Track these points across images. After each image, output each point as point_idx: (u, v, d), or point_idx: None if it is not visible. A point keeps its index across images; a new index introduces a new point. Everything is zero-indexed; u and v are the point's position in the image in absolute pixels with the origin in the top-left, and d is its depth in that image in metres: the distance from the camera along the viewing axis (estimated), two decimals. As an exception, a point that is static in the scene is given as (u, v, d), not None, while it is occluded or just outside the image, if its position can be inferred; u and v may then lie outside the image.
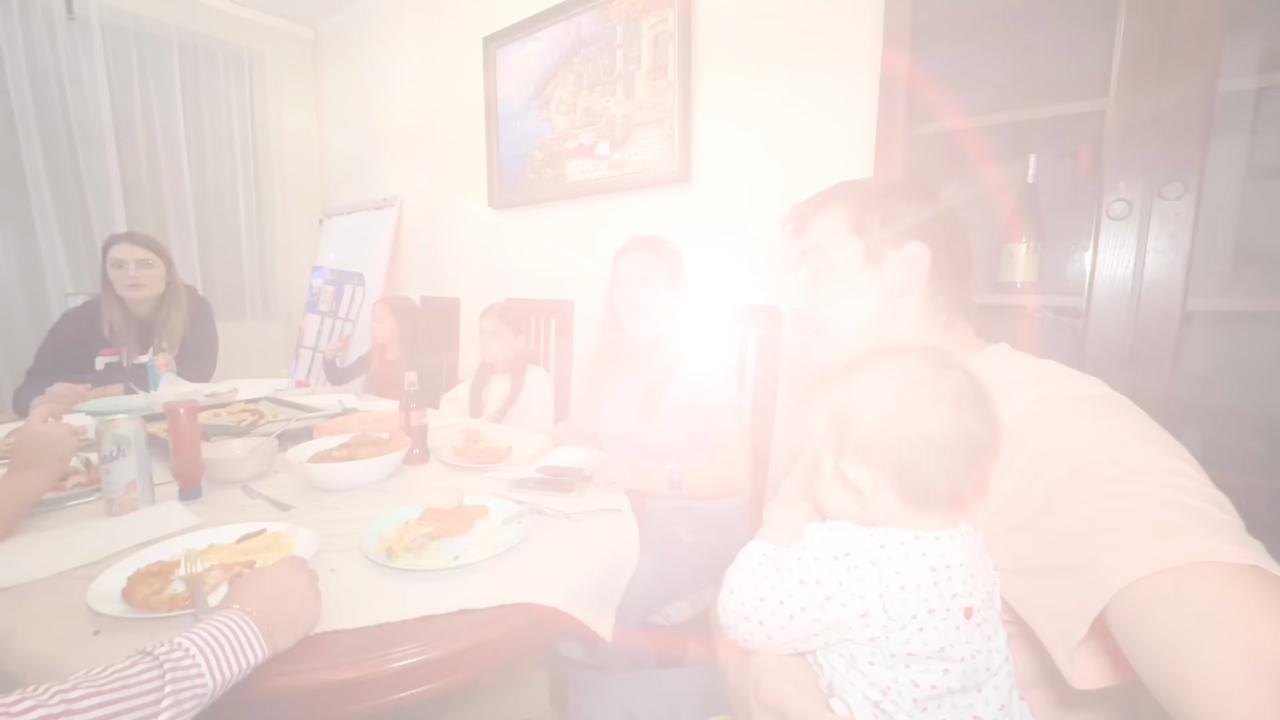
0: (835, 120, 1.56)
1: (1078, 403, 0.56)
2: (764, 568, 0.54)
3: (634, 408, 1.35)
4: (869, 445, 0.52)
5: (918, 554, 0.49)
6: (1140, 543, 0.42)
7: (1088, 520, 0.46)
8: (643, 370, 1.38)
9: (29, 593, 0.71)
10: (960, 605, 0.49)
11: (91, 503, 0.99)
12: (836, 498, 0.55)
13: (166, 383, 1.70)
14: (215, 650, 0.52)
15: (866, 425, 0.52)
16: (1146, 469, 0.47)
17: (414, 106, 2.87)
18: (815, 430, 0.57)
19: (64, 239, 2.58)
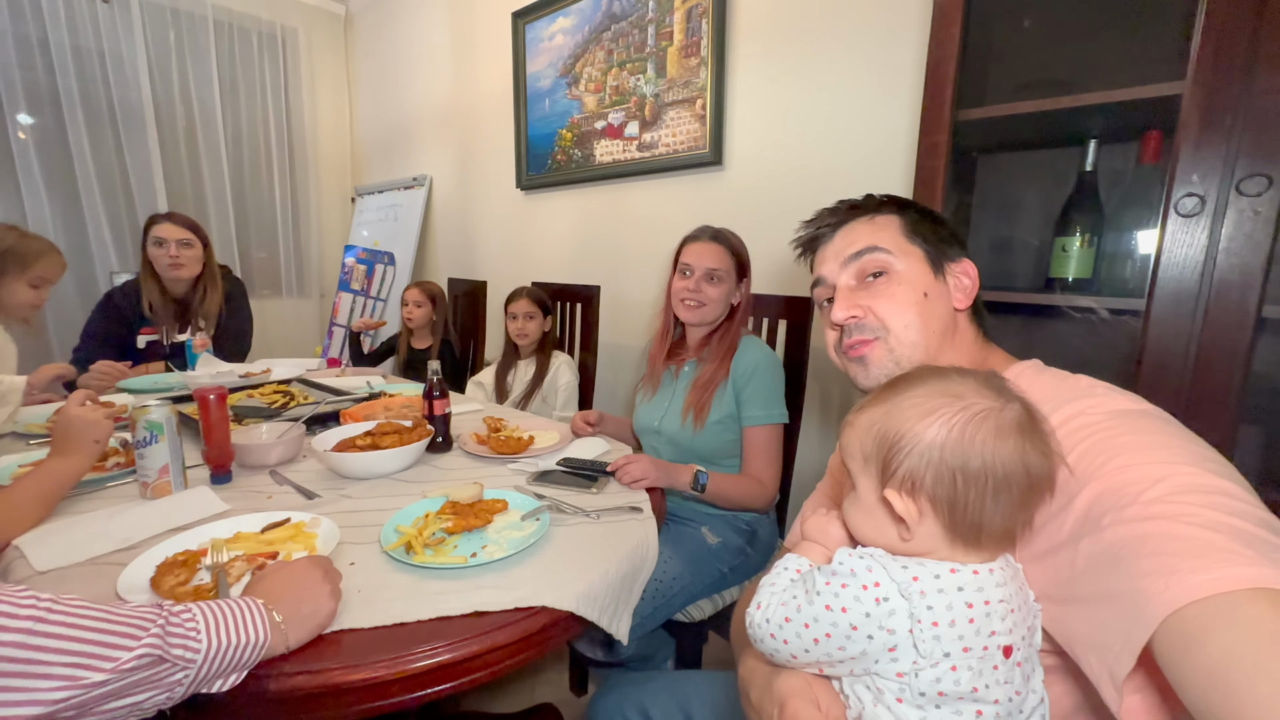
0: (877, 103, 1.48)
1: (1118, 418, 0.52)
2: (795, 587, 0.52)
3: (678, 406, 1.31)
4: (919, 475, 0.48)
5: (953, 588, 0.46)
6: (1188, 567, 0.40)
7: (1131, 543, 0.44)
8: (693, 367, 1.34)
9: (66, 577, 0.74)
10: (999, 644, 0.45)
11: (129, 484, 1.02)
12: (874, 526, 0.52)
13: (203, 363, 1.75)
14: (217, 619, 0.54)
15: (918, 454, 0.48)
16: (1193, 489, 0.44)
17: (443, 84, 2.84)
18: (853, 451, 0.53)
19: (109, 217, 2.66)
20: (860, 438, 0.52)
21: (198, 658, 0.51)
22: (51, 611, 0.44)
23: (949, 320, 0.68)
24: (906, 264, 0.68)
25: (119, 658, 0.46)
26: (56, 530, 0.85)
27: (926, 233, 0.70)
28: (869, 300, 0.69)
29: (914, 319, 0.67)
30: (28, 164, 2.45)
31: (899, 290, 0.68)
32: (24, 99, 2.43)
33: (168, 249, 1.85)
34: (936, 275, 0.69)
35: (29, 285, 1.47)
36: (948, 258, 0.70)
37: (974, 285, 0.70)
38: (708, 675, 0.86)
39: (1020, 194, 1.26)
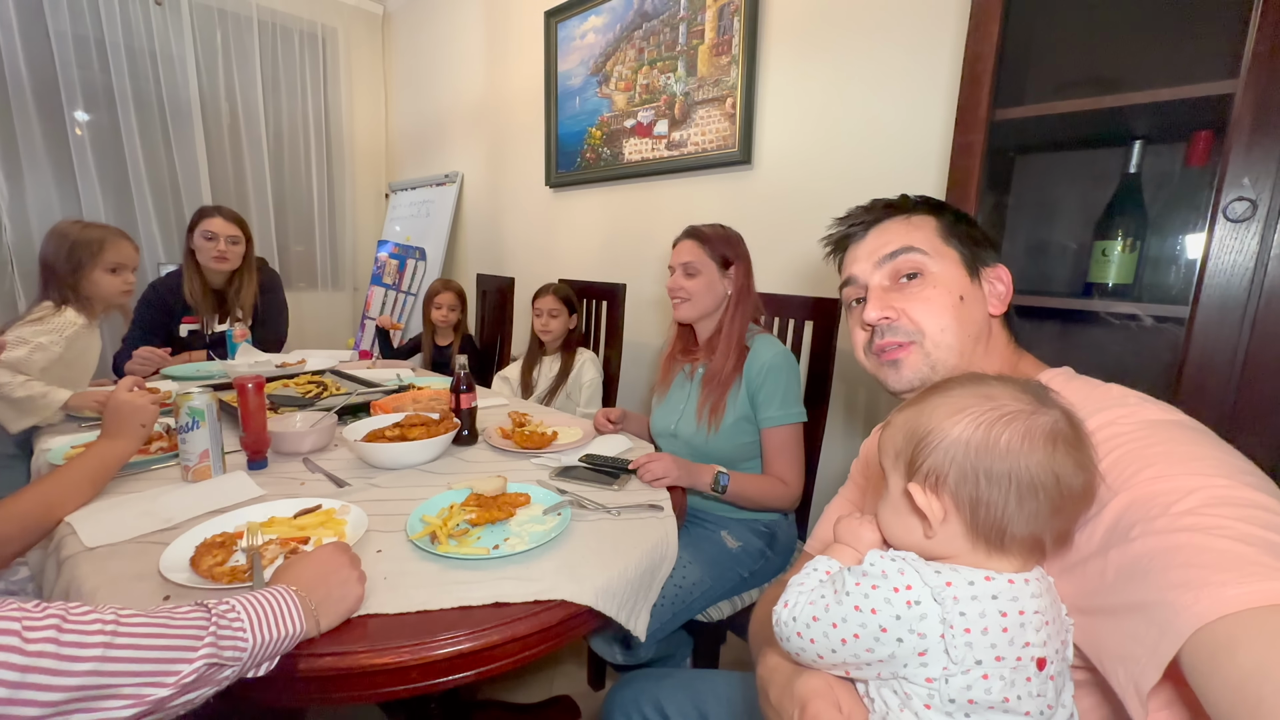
0: (911, 102, 1.45)
1: (1150, 428, 0.52)
2: (824, 587, 0.51)
3: (693, 408, 1.31)
4: (942, 471, 0.48)
5: (987, 596, 0.45)
6: (1219, 580, 0.39)
7: (1160, 554, 0.43)
8: (705, 368, 1.32)
9: (113, 554, 0.78)
10: (1033, 655, 0.45)
11: (171, 467, 1.07)
12: (900, 523, 0.52)
13: (242, 352, 1.81)
14: (259, 613, 0.56)
15: (943, 450, 0.48)
16: (1226, 501, 0.44)
17: (476, 82, 2.88)
18: (887, 448, 0.54)
19: (157, 210, 2.77)
20: (894, 434, 0.53)
21: (244, 655, 0.53)
22: (117, 634, 0.46)
23: (984, 325, 0.67)
24: (942, 266, 0.67)
25: (180, 670, 0.48)
26: (105, 509, 0.90)
27: (963, 235, 0.69)
28: (903, 302, 0.67)
29: (950, 322, 0.65)
30: (84, 159, 2.56)
31: (934, 293, 0.66)
32: (81, 97, 2.55)
33: (217, 243, 1.91)
34: (972, 279, 0.68)
35: (109, 272, 1.50)
36: (983, 262, 0.69)
37: (1008, 291, 0.69)
38: (724, 675, 0.86)
39: (1059, 196, 1.22)
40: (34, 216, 2.49)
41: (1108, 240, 1.08)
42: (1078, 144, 1.16)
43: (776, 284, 1.49)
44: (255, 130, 3.05)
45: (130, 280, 1.56)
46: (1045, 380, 0.63)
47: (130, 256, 1.55)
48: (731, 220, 1.42)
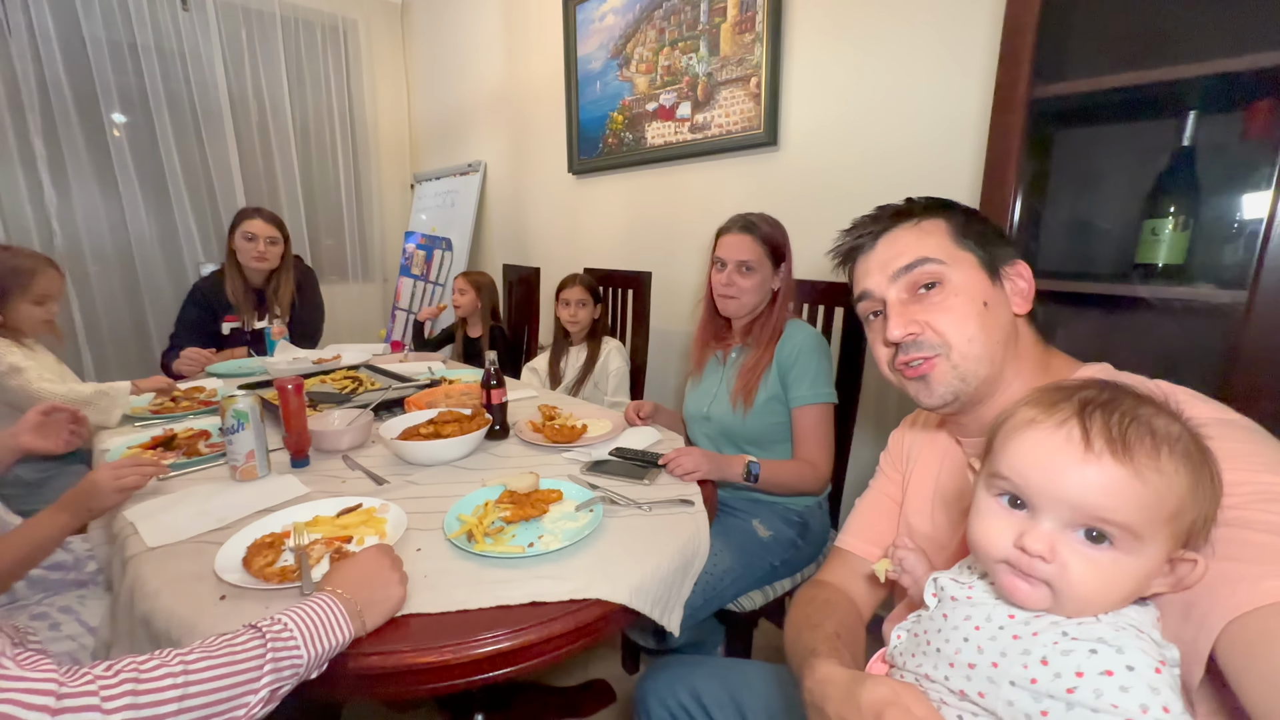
0: (945, 79, 1.38)
1: (1201, 426, 0.49)
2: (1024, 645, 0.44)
3: (725, 392, 1.32)
4: (1199, 528, 0.44)
5: None
6: (1255, 574, 0.39)
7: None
8: (739, 353, 1.34)
9: (172, 554, 0.82)
10: None
11: (220, 466, 1.12)
12: (1136, 585, 0.44)
13: (281, 349, 1.87)
14: (311, 627, 0.59)
15: (1200, 505, 0.44)
16: (1273, 497, 0.43)
17: (496, 69, 2.87)
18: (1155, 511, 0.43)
19: (194, 210, 2.85)
20: (1165, 496, 0.43)
21: (301, 669, 0.57)
22: (189, 685, 0.49)
23: (1010, 328, 0.65)
24: (961, 272, 0.64)
25: (248, 702, 0.52)
26: (164, 508, 0.95)
27: (976, 235, 0.66)
28: (925, 315, 0.64)
29: (976, 331, 0.63)
30: (123, 161, 2.65)
31: (957, 302, 0.64)
32: (118, 99, 2.63)
33: (257, 244, 1.98)
34: (994, 281, 0.65)
35: (35, 304, 1.46)
36: (1002, 260, 0.66)
37: (1030, 287, 0.66)
38: (759, 666, 0.86)
39: (1103, 172, 1.16)
40: (81, 222, 2.59)
41: (1158, 219, 1.02)
42: (1125, 116, 1.10)
43: (804, 269, 1.45)
44: (283, 126, 3.10)
45: (53, 311, 1.50)
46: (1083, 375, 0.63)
47: (58, 287, 1.51)
48: (758, 203, 1.40)
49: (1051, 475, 0.45)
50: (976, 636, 0.47)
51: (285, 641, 0.56)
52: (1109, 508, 0.42)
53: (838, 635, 0.66)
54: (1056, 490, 0.44)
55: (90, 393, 1.34)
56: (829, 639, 0.64)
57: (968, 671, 0.46)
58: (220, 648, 0.53)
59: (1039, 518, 0.46)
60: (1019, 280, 0.66)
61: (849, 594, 0.79)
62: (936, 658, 0.50)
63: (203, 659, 0.51)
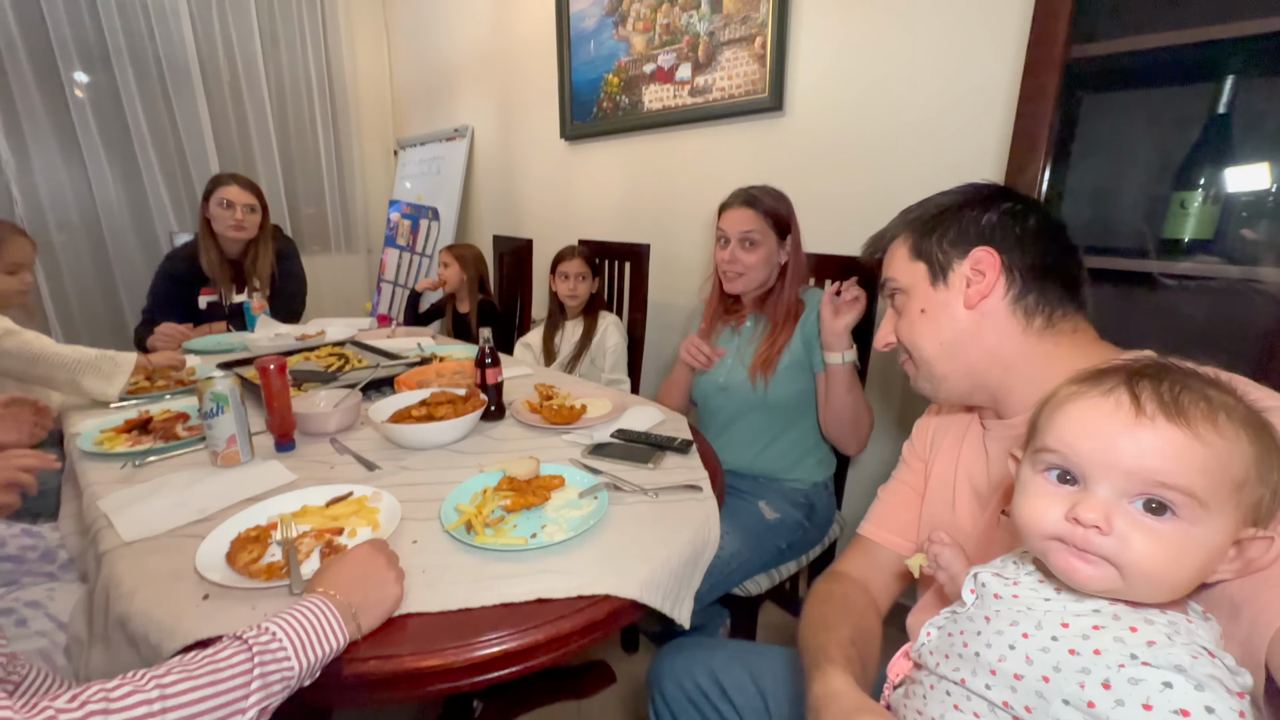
0: (970, 39, 1.29)
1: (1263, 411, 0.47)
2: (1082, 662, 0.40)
3: (741, 364, 1.29)
4: (1267, 507, 0.41)
5: None
6: None
7: None
8: (754, 322, 1.32)
9: (150, 549, 0.77)
10: None
11: (199, 451, 1.05)
12: (1205, 562, 0.41)
13: (261, 324, 1.79)
14: (301, 635, 0.54)
15: (1268, 481, 0.41)
16: None
17: (482, 27, 2.72)
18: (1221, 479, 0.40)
19: (164, 176, 2.71)
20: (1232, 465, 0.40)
21: (292, 681, 0.52)
22: (166, 710, 0.44)
23: (963, 325, 0.67)
24: (911, 284, 0.71)
25: None
26: (140, 497, 0.89)
27: (929, 244, 0.69)
28: (894, 325, 0.74)
29: (917, 338, 0.70)
30: (86, 124, 2.50)
31: (905, 313, 0.72)
32: (76, 56, 2.46)
33: (234, 211, 1.87)
34: (935, 284, 0.69)
35: (6, 273, 1.39)
36: (953, 258, 0.67)
37: (989, 277, 0.65)
38: (780, 651, 0.84)
39: (1131, 141, 1.10)
40: (43, 189, 2.45)
41: (1188, 191, 0.97)
42: (1157, 81, 1.04)
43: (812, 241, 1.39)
44: (257, 88, 2.93)
45: (27, 280, 1.43)
46: None
47: (29, 255, 1.43)
48: (763, 172, 1.33)
49: (1103, 441, 0.42)
50: (1025, 645, 0.44)
51: (274, 653, 0.51)
52: (1167, 470, 0.39)
53: (853, 641, 0.65)
54: (1109, 456, 0.41)
55: (95, 356, 1.25)
56: (844, 645, 0.64)
57: (1013, 683, 0.43)
58: (201, 666, 0.48)
59: (1092, 488, 0.42)
60: (973, 273, 0.66)
61: (867, 586, 0.77)
62: (975, 663, 0.46)
63: (182, 679, 0.46)
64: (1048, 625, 0.44)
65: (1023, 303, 0.65)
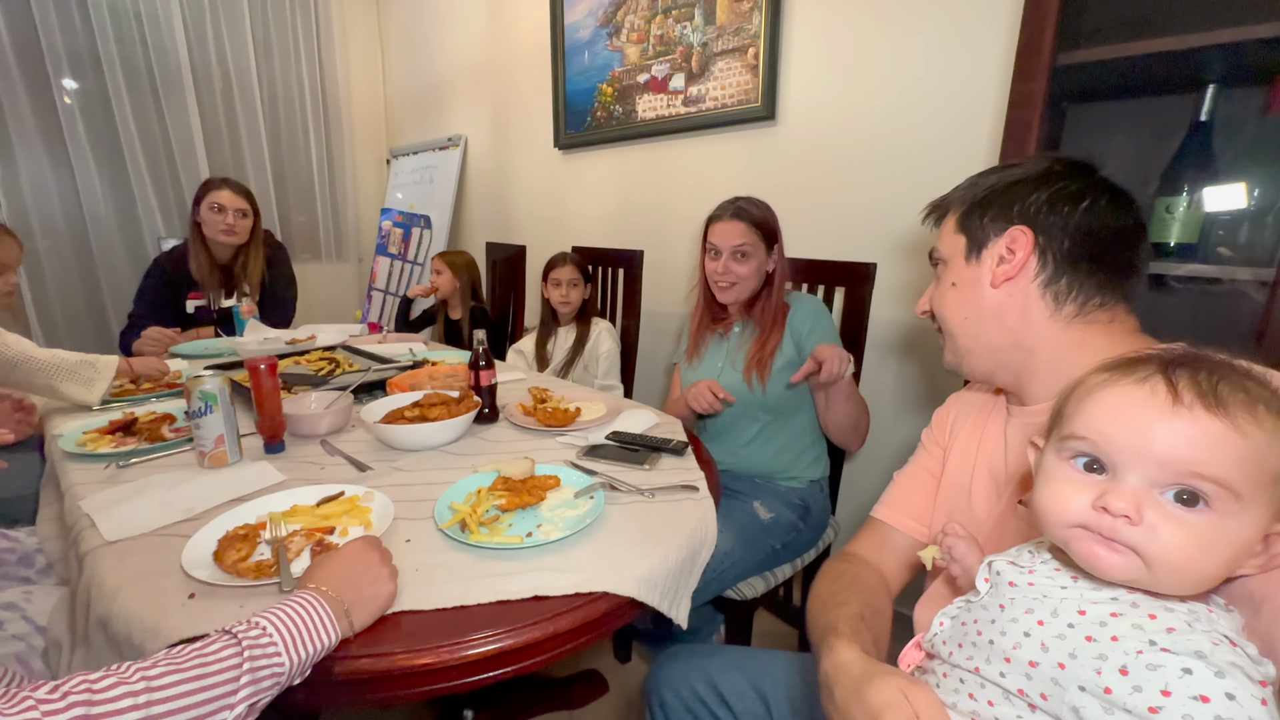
0: (959, 46, 1.32)
1: None
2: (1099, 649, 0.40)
3: (733, 368, 1.31)
4: None
5: None
6: None
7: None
8: (743, 327, 1.34)
9: (133, 548, 0.75)
10: None
11: (186, 452, 1.03)
12: (1234, 555, 0.40)
13: (250, 329, 1.77)
14: (292, 630, 0.53)
15: None
16: None
17: (477, 37, 2.74)
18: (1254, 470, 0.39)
19: (154, 182, 2.68)
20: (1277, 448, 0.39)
21: (282, 678, 0.51)
22: (151, 705, 0.42)
23: (987, 305, 0.66)
24: (950, 256, 0.70)
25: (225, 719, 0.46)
26: (124, 497, 0.87)
27: (974, 219, 0.68)
28: (933, 296, 0.74)
29: (945, 311, 0.71)
30: (75, 130, 2.47)
31: (939, 286, 0.72)
32: (67, 63, 2.44)
33: (225, 215, 1.86)
34: (969, 260, 0.68)
35: None
36: (991, 234, 0.66)
37: (1019, 256, 0.63)
38: (779, 656, 0.83)
39: (1115, 149, 1.13)
40: (29, 194, 2.42)
41: (1171, 197, 1.00)
42: (1140, 91, 1.07)
43: (804, 248, 1.41)
44: (249, 96, 2.93)
45: (12, 281, 1.38)
46: None
47: (14, 256, 1.38)
48: (755, 181, 1.35)
49: (1137, 428, 0.41)
50: (1040, 632, 0.43)
51: (264, 648, 0.50)
52: (1203, 461, 0.38)
53: (861, 616, 0.64)
54: (1143, 445, 0.40)
55: (75, 361, 1.21)
56: (852, 619, 0.63)
57: (1028, 670, 0.42)
58: (189, 659, 0.46)
59: (1122, 477, 0.41)
60: (1005, 252, 0.65)
61: (879, 568, 0.76)
62: (990, 650, 0.46)
63: (168, 673, 0.45)
64: (1064, 612, 0.43)
65: (1053, 287, 0.62)
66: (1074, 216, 0.61)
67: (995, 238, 0.65)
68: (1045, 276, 0.63)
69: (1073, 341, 0.63)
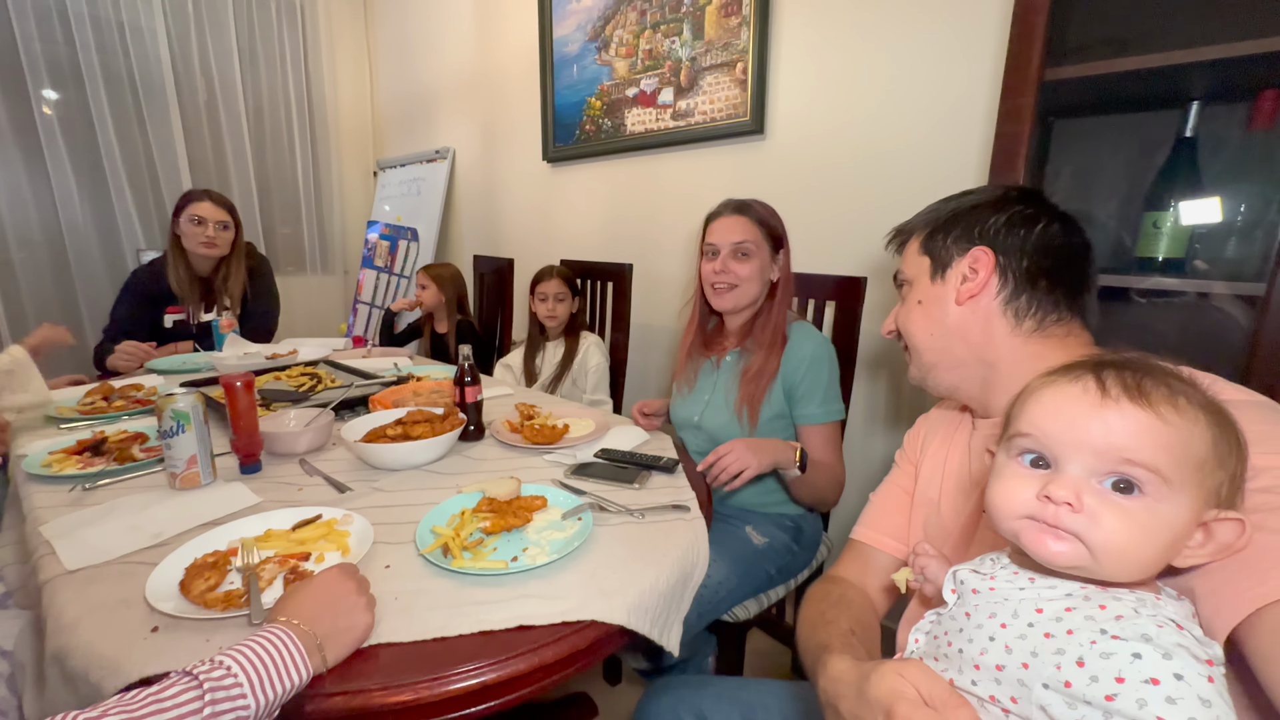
0: (949, 64, 1.33)
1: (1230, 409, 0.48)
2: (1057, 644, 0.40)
3: (721, 399, 1.23)
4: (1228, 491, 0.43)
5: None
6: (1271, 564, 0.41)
7: None
8: (736, 357, 1.24)
9: (96, 577, 0.71)
10: None
11: (157, 473, 0.99)
12: (1172, 538, 0.42)
13: (230, 343, 1.73)
14: (259, 669, 0.49)
15: (1226, 465, 0.42)
16: None
17: (465, 51, 2.74)
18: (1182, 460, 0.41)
19: (134, 194, 2.63)
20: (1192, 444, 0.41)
21: (247, 719, 0.47)
22: None
23: (952, 321, 0.69)
24: (915, 277, 0.73)
25: None
26: (88, 521, 0.83)
27: (936, 242, 0.71)
28: (898, 315, 0.77)
29: (912, 328, 0.73)
30: (53, 140, 2.42)
31: (905, 304, 0.75)
32: (46, 73, 2.40)
33: (206, 228, 1.82)
34: (934, 279, 0.71)
35: None
36: (954, 255, 0.69)
37: (981, 274, 0.66)
38: (770, 685, 0.81)
39: (1101, 164, 1.14)
40: (4, 205, 2.36)
41: (1159, 211, 1.00)
42: (1125, 106, 1.08)
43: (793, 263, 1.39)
44: (234, 107, 2.89)
45: None
46: None
47: None
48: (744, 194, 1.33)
49: (1072, 421, 0.44)
50: (1003, 635, 0.43)
51: (228, 689, 0.47)
52: (1133, 448, 0.41)
53: (852, 631, 0.64)
54: (1078, 436, 0.43)
55: None
56: (843, 635, 0.63)
57: (996, 675, 0.42)
58: (143, 705, 0.43)
59: (1064, 469, 0.44)
60: (968, 270, 0.68)
61: (864, 589, 0.76)
62: (960, 660, 0.46)
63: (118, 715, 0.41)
64: (1023, 613, 0.44)
65: (1014, 304, 0.66)
66: (1030, 237, 0.65)
67: (959, 258, 0.69)
68: (1006, 294, 0.66)
69: (1032, 354, 0.65)
